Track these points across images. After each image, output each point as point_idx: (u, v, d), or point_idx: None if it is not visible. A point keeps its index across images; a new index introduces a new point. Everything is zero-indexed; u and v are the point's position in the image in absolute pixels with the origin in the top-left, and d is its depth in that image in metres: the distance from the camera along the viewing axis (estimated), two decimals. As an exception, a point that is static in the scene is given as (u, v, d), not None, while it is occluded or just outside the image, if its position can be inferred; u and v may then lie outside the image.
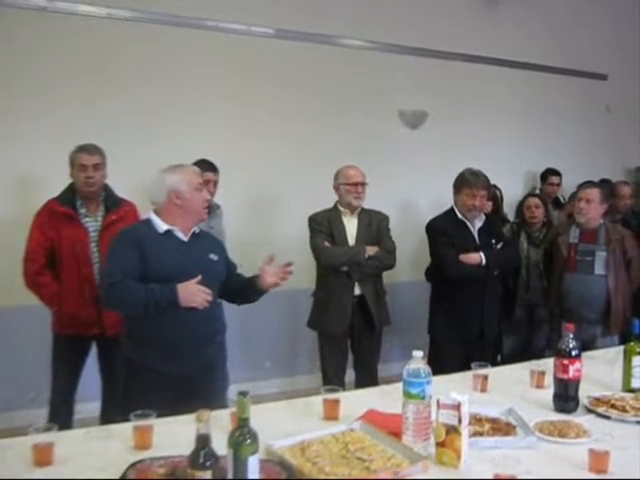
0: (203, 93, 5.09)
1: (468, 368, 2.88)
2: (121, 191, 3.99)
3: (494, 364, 3.19)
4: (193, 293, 2.81)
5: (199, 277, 2.83)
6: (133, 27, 4.86)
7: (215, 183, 4.32)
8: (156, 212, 2.98)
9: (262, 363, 5.44)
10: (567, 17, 6.71)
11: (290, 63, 5.44)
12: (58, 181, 3.85)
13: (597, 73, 7.00)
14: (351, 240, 4.24)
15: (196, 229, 3.04)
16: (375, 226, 4.29)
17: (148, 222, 2.98)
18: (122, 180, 4.04)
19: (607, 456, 1.97)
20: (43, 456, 1.99)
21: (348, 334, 4.27)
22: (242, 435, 1.66)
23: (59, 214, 3.72)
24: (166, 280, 2.80)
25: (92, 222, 3.78)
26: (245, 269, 5.31)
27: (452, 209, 4.28)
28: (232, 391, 2.64)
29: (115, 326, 3.65)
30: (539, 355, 3.54)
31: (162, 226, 2.94)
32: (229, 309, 4.34)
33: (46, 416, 3.70)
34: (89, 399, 4.04)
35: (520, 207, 5.52)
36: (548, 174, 6.19)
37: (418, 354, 2.12)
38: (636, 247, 4.44)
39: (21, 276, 3.77)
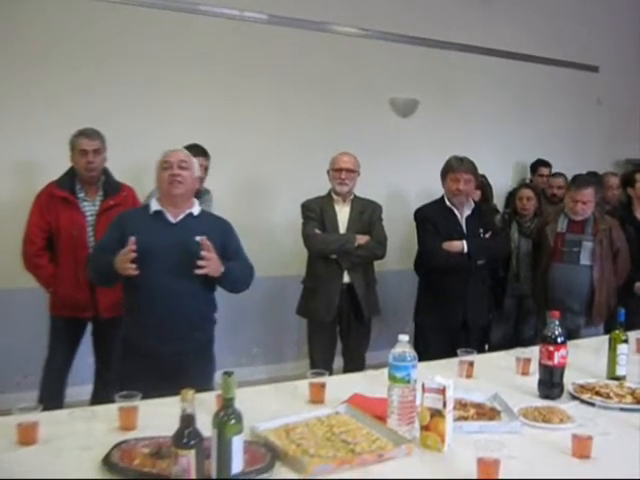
0: (195, 78, 5.06)
1: (453, 355, 2.89)
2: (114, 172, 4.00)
3: (481, 353, 3.21)
4: (121, 261, 2.84)
5: (132, 240, 2.83)
6: (126, 11, 4.82)
7: (206, 168, 4.28)
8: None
9: (249, 349, 5.44)
10: (560, 8, 6.71)
11: (282, 49, 5.42)
12: (59, 165, 3.86)
13: (589, 65, 7.00)
14: (342, 228, 4.23)
15: (194, 211, 3.07)
16: (367, 215, 4.26)
17: (147, 204, 3.13)
18: (116, 165, 4.04)
19: (590, 441, 1.98)
20: (27, 435, 1.99)
21: (337, 322, 4.28)
22: (227, 415, 1.66)
23: (58, 198, 3.75)
24: (144, 258, 2.86)
25: (90, 206, 3.81)
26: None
27: (442, 197, 4.29)
28: (219, 376, 2.65)
29: (110, 309, 3.68)
30: (527, 345, 3.55)
31: (153, 207, 3.03)
32: (218, 294, 4.37)
33: (33, 399, 3.68)
34: (79, 383, 4.05)
35: (512, 197, 5.54)
36: (538, 165, 6.20)
37: (404, 338, 2.12)
38: (623, 238, 4.45)
39: (8, 258, 3.77)
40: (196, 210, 3.09)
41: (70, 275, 3.74)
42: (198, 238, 2.92)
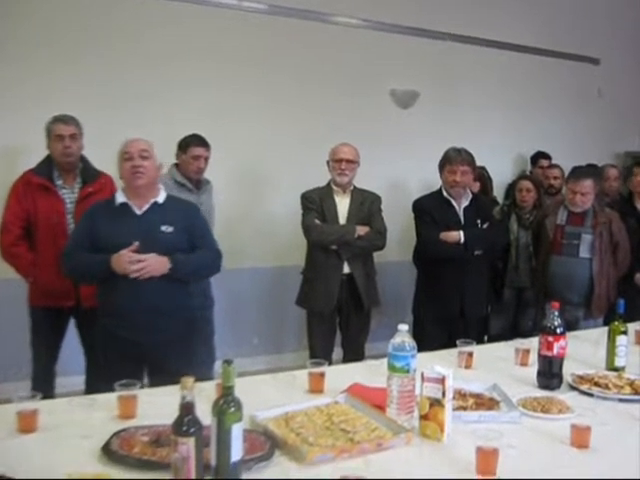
0: (193, 68, 5.03)
1: (451, 346, 2.89)
2: (107, 166, 3.95)
3: (480, 344, 3.21)
4: (122, 262, 2.86)
5: (135, 245, 2.86)
6: (122, 2, 4.78)
7: (206, 159, 4.26)
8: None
9: (250, 339, 5.45)
10: (561, 0, 6.68)
11: (282, 40, 5.39)
12: (37, 153, 3.81)
13: (590, 57, 6.98)
14: (342, 219, 4.23)
15: (159, 199, 3.06)
16: (367, 206, 4.27)
17: (113, 196, 3.10)
18: (114, 157, 4.01)
19: (589, 431, 1.98)
20: (27, 423, 1.99)
21: (336, 312, 4.29)
22: (226, 403, 1.65)
23: (35, 185, 3.69)
24: (112, 252, 2.88)
25: (69, 194, 3.75)
26: (233, 245, 5.33)
27: (440, 189, 4.31)
28: (219, 366, 2.65)
29: (92, 297, 3.60)
30: (526, 337, 3.57)
31: (119, 200, 3.03)
32: (219, 285, 4.37)
33: (28, 389, 3.68)
34: (73, 373, 4.03)
35: (511, 189, 5.54)
36: (538, 157, 6.19)
37: (403, 327, 2.12)
38: (623, 230, 4.43)
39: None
40: (161, 197, 3.08)
41: (50, 263, 3.61)
42: (163, 228, 2.98)
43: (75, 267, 3.05)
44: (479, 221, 4.25)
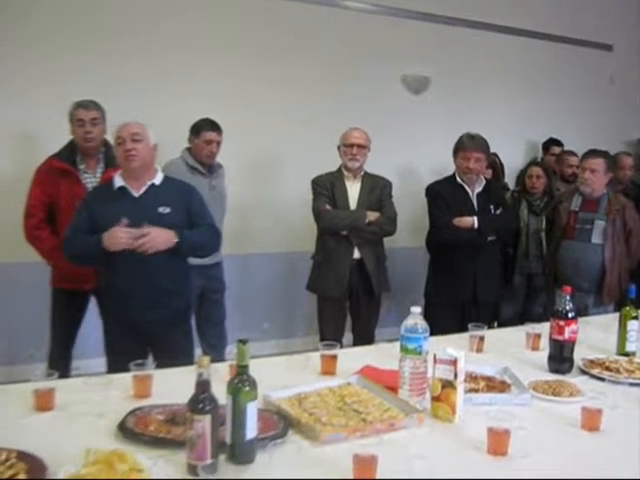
0: (206, 54, 5.05)
1: (463, 331, 2.90)
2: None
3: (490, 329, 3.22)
4: (112, 237, 2.89)
5: (123, 221, 2.90)
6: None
7: (218, 143, 4.28)
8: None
9: (260, 324, 5.47)
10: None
11: (292, 25, 5.40)
12: (62, 139, 3.84)
13: (603, 43, 6.93)
14: (353, 204, 4.24)
15: (156, 181, 3.09)
16: (378, 191, 4.27)
17: (112, 180, 3.11)
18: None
19: (600, 414, 1.99)
20: (44, 401, 2.02)
21: (347, 297, 4.30)
22: (241, 382, 1.68)
23: (58, 170, 3.73)
24: None
25: (91, 178, 3.77)
26: (245, 229, 5.35)
27: (454, 174, 4.31)
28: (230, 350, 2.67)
29: None
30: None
31: (117, 183, 3.06)
32: (230, 270, 4.37)
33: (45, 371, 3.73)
34: (91, 355, 4.07)
35: (522, 175, 5.53)
36: (550, 144, 6.17)
37: (416, 310, 2.14)
38: (637, 218, 4.41)
39: (21, 232, 3.78)
40: (158, 179, 3.11)
41: None
42: (161, 209, 3.02)
43: (73, 251, 3.08)
44: (492, 207, 4.26)
